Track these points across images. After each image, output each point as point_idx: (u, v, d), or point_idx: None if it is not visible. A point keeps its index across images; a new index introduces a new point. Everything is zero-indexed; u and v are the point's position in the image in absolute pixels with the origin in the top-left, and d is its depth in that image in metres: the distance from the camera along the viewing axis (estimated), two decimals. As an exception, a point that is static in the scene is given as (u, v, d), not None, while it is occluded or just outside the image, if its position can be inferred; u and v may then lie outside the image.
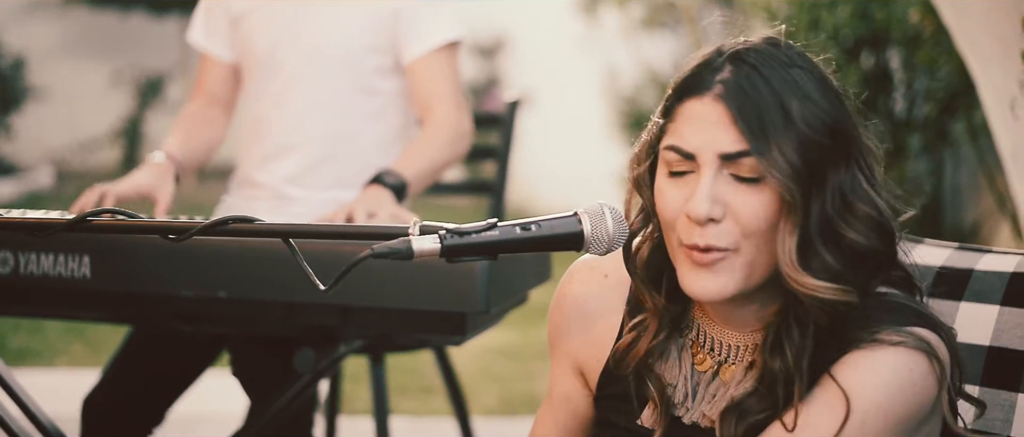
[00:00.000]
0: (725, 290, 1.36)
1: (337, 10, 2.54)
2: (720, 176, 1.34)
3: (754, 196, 1.33)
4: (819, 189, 1.33)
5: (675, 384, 1.45)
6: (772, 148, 1.31)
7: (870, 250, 1.35)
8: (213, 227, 1.36)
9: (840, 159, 1.35)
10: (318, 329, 1.98)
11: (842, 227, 1.34)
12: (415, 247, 1.27)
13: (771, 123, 1.31)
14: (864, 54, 4.90)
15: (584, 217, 1.34)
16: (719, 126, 1.33)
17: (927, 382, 1.35)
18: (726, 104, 1.33)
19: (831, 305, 1.34)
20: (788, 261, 1.33)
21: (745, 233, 1.34)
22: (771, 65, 1.34)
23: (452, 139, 2.51)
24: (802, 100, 1.33)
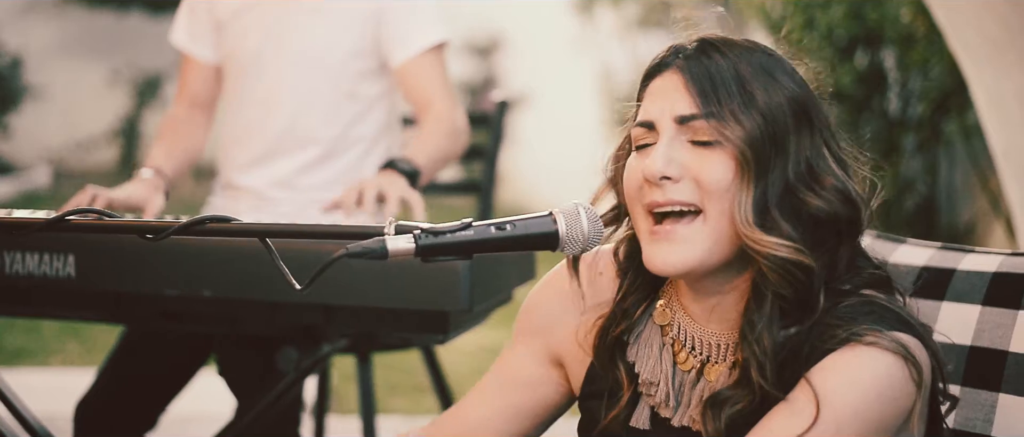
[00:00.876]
0: (687, 259, 1.37)
1: (321, 16, 2.55)
2: (677, 140, 1.38)
3: (711, 157, 1.37)
4: (780, 156, 1.37)
5: (656, 382, 1.44)
6: (725, 111, 1.36)
7: (833, 216, 1.37)
8: (191, 227, 1.36)
9: (803, 130, 1.39)
10: (302, 328, 1.99)
11: (805, 194, 1.37)
12: (389, 247, 1.27)
13: (724, 87, 1.36)
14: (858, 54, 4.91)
15: (559, 217, 1.34)
16: (676, 92, 1.38)
17: (906, 387, 1.34)
18: (682, 73, 1.39)
19: (786, 267, 1.34)
20: (743, 219, 1.35)
21: (705, 193, 1.36)
22: (734, 46, 1.40)
23: (452, 132, 2.52)
24: (760, 74, 1.38)
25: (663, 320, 1.47)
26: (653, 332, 1.47)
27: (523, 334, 1.55)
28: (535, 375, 1.54)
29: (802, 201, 1.37)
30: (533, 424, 1.55)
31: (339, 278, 1.82)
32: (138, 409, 2.41)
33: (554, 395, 1.55)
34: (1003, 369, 1.67)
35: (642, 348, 1.46)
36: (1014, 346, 1.67)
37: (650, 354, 1.46)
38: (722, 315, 1.43)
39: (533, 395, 1.54)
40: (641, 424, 1.45)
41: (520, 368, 1.54)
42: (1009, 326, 1.68)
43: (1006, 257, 1.76)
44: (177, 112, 2.66)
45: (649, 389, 1.45)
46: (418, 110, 2.55)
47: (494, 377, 1.55)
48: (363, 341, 2.36)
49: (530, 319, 1.55)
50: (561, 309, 1.53)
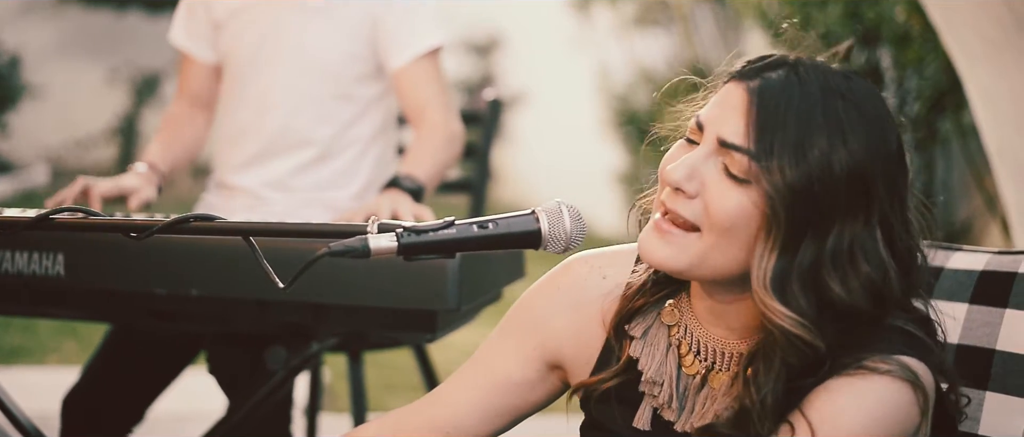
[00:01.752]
0: (670, 261, 1.34)
1: (318, 18, 2.55)
2: (712, 159, 1.32)
3: (732, 192, 1.30)
4: (818, 231, 1.29)
5: (660, 382, 1.42)
6: (773, 162, 1.28)
7: (852, 308, 1.30)
8: (175, 225, 1.36)
9: (857, 209, 1.29)
10: (290, 327, 1.99)
11: (832, 279, 1.29)
12: (372, 245, 1.27)
13: (782, 134, 1.28)
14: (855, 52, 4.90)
15: (541, 215, 1.34)
16: (734, 113, 1.31)
17: (910, 412, 1.31)
18: (751, 98, 1.30)
19: (793, 340, 1.30)
20: (760, 278, 1.29)
21: (709, 221, 1.31)
22: (821, 88, 1.30)
23: (448, 141, 2.52)
24: (832, 137, 1.28)
25: (671, 320, 1.44)
26: (660, 331, 1.44)
27: (516, 333, 1.51)
28: (524, 376, 1.50)
29: (826, 284, 1.29)
30: (511, 421, 1.52)
31: (327, 277, 1.82)
32: (125, 403, 2.42)
33: (541, 395, 1.52)
34: (990, 367, 1.67)
35: (648, 346, 1.43)
36: (1001, 344, 1.67)
37: (655, 353, 1.43)
38: (728, 322, 1.40)
39: (518, 395, 1.50)
40: (643, 425, 1.43)
41: (507, 368, 1.50)
42: (996, 324, 1.68)
43: (993, 255, 1.76)
44: (177, 110, 2.67)
45: (652, 389, 1.42)
46: (413, 117, 2.55)
47: (475, 373, 1.51)
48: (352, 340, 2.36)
49: (526, 318, 1.51)
50: (561, 309, 1.49)
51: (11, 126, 9.03)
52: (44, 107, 9.29)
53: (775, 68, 1.32)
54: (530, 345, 1.50)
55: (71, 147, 9.63)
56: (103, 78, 9.63)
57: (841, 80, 1.32)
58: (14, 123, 9.05)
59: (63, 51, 9.76)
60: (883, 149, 1.31)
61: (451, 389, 1.51)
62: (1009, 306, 1.68)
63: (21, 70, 9.08)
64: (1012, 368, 1.65)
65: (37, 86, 9.16)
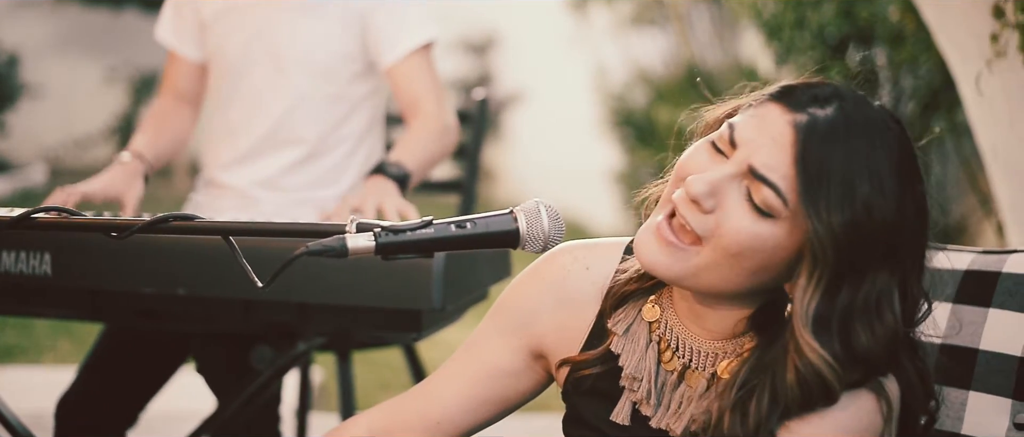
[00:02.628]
0: (663, 269, 1.34)
1: (306, 17, 2.55)
2: (737, 181, 1.31)
3: (749, 221, 1.30)
4: (856, 277, 1.29)
5: (639, 378, 1.43)
6: (821, 206, 1.26)
7: (871, 356, 1.31)
8: (154, 225, 1.37)
9: (887, 261, 1.30)
10: (276, 326, 1.99)
11: (861, 326, 1.30)
12: (349, 245, 1.28)
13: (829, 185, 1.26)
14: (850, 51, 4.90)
15: (520, 215, 1.34)
16: (774, 144, 1.29)
17: (873, 420, 1.33)
18: (797, 135, 1.28)
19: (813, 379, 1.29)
20: (803, 315, 1.28)
21: (716, 241, 1.31)
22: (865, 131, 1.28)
23: (441, 133, 2.52)
24: (874, 187, 1.27)
25: (652, 316, 1.45)
26: (641, 327, 1.45)
27: (502, 323, 1.52)
28: (510, 366, 1.51)
29: (856, 330, 1.30)
30: (499, 411, 1.54)
31: (313, 276, 1.83)
32: (119, 406, 2.42)
33: (527, 386, 1.54)
34: (974, 367, 1.67)
35: (629, 342, 1.45)
36: (984, 344, 1.67)
37: (635, 349, 1.44)
38: (709, 324, 1.42)
39: (504, 385, 1.52)
40: (622, 419, 1.44)
41: (494, 358, 1.51)
42: (980, 323, 1.68)
43: (977, 255, 1.76)
44: (162, 104, 2.67)
45: (632, 384, 1.44)
46: (407, 111, 2.55)
47: (463, 363, 1.52)
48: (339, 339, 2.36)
49: (512, 310, 1.52)
50: (544, 299, 1.50)
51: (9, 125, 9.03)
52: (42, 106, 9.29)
53: (824, 104, 1.30)
54: (515, 335, 1.51)
55: (69, 146, 9.63)
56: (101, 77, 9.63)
57: (883, 128, 1.31)
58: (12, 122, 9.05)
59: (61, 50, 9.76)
60: (912, 201, 1.32)
61: (440, 380, 1.52)
62: (993, 305, 1.69)
63: (19, 69, 9.08)
64: (995, 367, 1.66)
65: (35, 85, 9.16)
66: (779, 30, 4.95)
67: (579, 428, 1.48)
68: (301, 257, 1.27)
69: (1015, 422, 1.62)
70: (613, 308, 1.47)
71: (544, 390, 1.56)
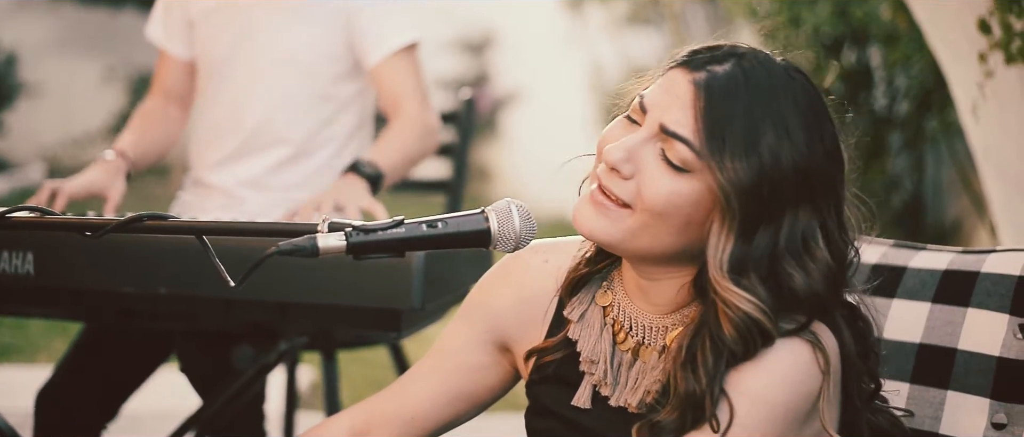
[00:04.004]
0: (600, 232, 1.38)
1: (293, 17, 2.55)
2: (651, 144, 1.35)
3: (668, 179, 1.34)
4: (772, 221, 1.33)
5: (596, 360, 1.46)
6: (725, 157, 1.31)
7: (812, 295, 1.35)
8: (128, 224, 1.37)
9: (803, 201, 1.34)
10: (257, 325, 1.99)
11: (792, 267, 1.34)
12: (320, 244, 1.28)
13: (732, 135, 1.32)
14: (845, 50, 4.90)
15: (491, 214, 1.35)
16: (679, 102, 1.34)
17: (811, 371, 1.35)
18: (697, 91, 1.33)
19: (747, 323, 1.33)
20: (717, 263, 1.33)
21: (641, 203, 1.35)
22: (767, 84, 1.34)
23: (422, 134, 2.53)
24: (779, 131, 1.32)
25: (605, 301, 1.48)
26: (595, 312, 1.49)
27: (469, 319, 1.56)
28: (478, 360, 1.55)
29: (787, 273, 1.34)
30: (471, 406, 1.57)
31: (293, 275, 1.83)
32: (98, 400, 2.42)
33: (496, 380, 1.57)
34: (952, 367, 1.68)
35: (585, 327, 1.48)
36: (962, 344, 1.68)
37: (591, 333, 1.48)
38: (655, 298, 1.45)
39: (474, 379, 1.55)
40: (582, 403, 1.47)
41: (463, 353, 1.55)
42: (958, 323, 1.69)
43: (957, 255, 1.76)
44: (151, 105, 2.69)
45: (590, 368, 1.47)
46: (389, 110, 2.56)
47: (435, 360, 1.56)
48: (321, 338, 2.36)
49: (478, 307, 1.56)
50: (506, 293, 1.55)
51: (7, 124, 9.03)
52: (40, 105, 9.29)
53: (721, 61, 1.35)
54: (481, 329, 1.55)
55: (68, 145, 9.62)
56: (99, 76, 9.63)
57: (784, 77, 1.36)
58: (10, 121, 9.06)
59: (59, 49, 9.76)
60: (821, 145, 1.35)
61: (413, 377, 1.56)
62: (971, 305, 1.69)
63: (17, 68, 9.09)
64: (973, 367, 1.66)
65: (33, 84, 9.17)
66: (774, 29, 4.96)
67: (542, 418, 1.51)
68: (272, 256, 1.27)
69: (993, 422, 1.63)
70: (569, 296, 1.50)
71: (514, 386, 1.59)
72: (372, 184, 2.33)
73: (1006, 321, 1.65)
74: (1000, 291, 1.67)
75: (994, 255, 1.72)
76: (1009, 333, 1.64)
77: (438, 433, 1.57)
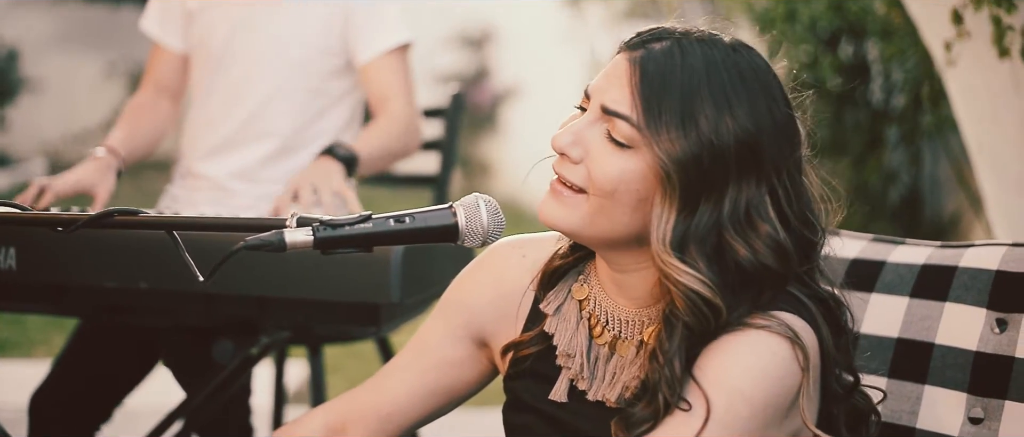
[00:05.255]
0: (562, 221, 1.39)
1: (290, 12, 2.57)
2: (596, 126, 1.37)
3: (614, 158, 1.35)
4: (713, 193, 1.33)
5: (573, 354, 1.46)
6: (662, 131, 1.32)
7: (759, 268, 1.35)
8: (99, 219, 1.37)
9: (748, 173, 1.34)
10: (238, 320, 1.99)
11: (735, 240, 1.34)
12: (287, 239, 1.29)
13: (668, 102, 1.33)
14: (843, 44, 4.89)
15: (459, 209, 1.35)
16: (618, 82, 1.36)
17: (790, 367, 1.35)
18: (633, 68, 1.35)
19: (694, 299, 1.33)
20: (659, 238, 1.34)
21: (593, 185, 1.36)
22: (705, 59, 1.35)
23: (404, 132, 2.54)
24: (718, 106, 1.33)
25: (581, 294, 1.48)
26: (571, 305, 1.48)
27: (447, 314, 1.56)
28: (456, 356, 1.55)
29: (730, 246, 1.34)
30: (449, 401, 1.57)
31: (274, 270, 1.84)
32: (92, 402, 2.42)
33: (473, 375, 1.57)
34: (929, 361, 1.67)
35: (561, 321, 1.48)
36: (940, 338, 1.67)
37: (567, 327, 1.48)
38: (630, 292, 1.45)
39: (452, 375, 1.55)
40: (559, 397, 1.47)
41: (441, 348, 1.55)
42: (936, 318, 1.68)
43: (935, 249, 1.76)
44: (142, 98, 2.70)
45: (567, 361, 1.47)
46: (376, 107, 2.58)
47: (413, 354, 1.56)
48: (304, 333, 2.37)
49: (456, 302, 1.56)
50: (484, 288, 1.54)
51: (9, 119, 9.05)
52: (42, 101, 9.31)
53: (660, 40, 1.36)
54: (459, 324, 1.55)
55: (69, 141, 9.64)
56: (101, 72, 9.65)
57: (726, 51, 1.36)
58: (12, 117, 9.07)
59: (61, 45, 9.78)
60: (768, 117, 1.35)
61: (390, 373, 1.56)
62: (949, 299, 1.69)
63: (19, 64, 9.10)
64: (950, 361, 1.66)
65: (35, 80, 9.19)
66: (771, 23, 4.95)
67: (519, 412, 1.51)
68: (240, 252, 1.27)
69: (970, 416, 1.63)
70: (545, 290, 1.50)
71: (492, 380, 1.58)
72: (347, 167, 2.34)
73: (983, 315, 1.65)
74: (978, 285, 1.67)
75: (972, 249, 1.72)
76: (986, 327, 1.64)
77: (415, 428, 1.57)
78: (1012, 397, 1.60)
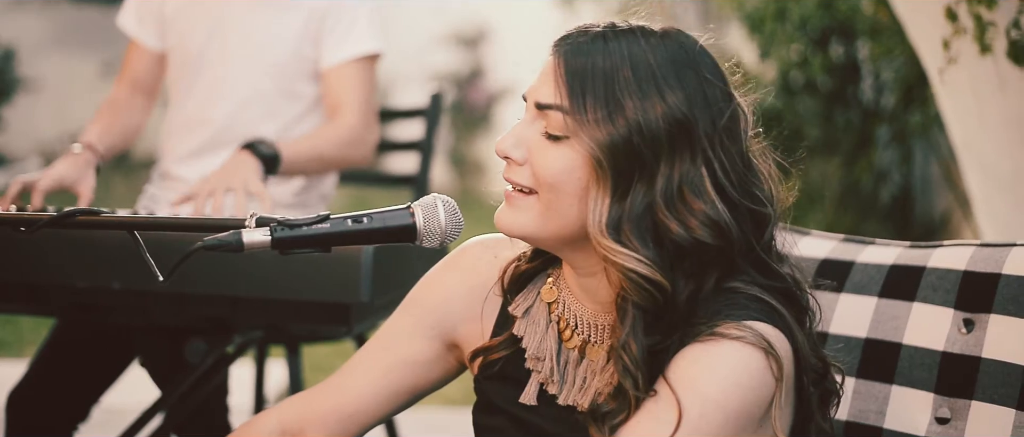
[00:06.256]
0: (516, 225, 1.40)
1: (267, 14, 2.57)
2: (534, 125, 1.39)
3: (553, 151, 1.36)
4: (645, 173, 1.34)
5: (542, 358, 1.45)
6: (587, 113, 1.34)
7: (696, 245, 1.35)
8: (61, 220, 1.38)
9: (681, 151, 1.34)
10: (209, 319, 1.99)
11: (669, 219, 1.34)
12: (245, 239, 1.29)
13: (593, 88, 1.34)
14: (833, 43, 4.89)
15: (417, 209, 1.35)
16: (548, 77, 1.38)
17: (764, 378, 1.34)
18: (560, 60, 1.37)
19: (637, 280, 1.33)
20: (595, 224, 1.35)
21: (538, 182, 1.37)
22: (631, 45, 1.36)
23: (348, 142, 2.52)
24: (645, 82, 1.33)
25: (550, 297, 1.47)
26: (541, 308, 1.48)
27: (415, 313, 1.54)
28: (421, 356, 1.53)
29: (664, 225, 1.34)
30: (412, 399, 1.56)
31: (245, 269, 1.84)
32: (69, 401, 2.42)
33: (439, 373, 1.55)
34: (896, 361, 1.67)
35: (530, 324, 1.47)
36: (907, 338, 1.68)
37: (536, 330, 1.47)
38: (596, 295, 1.44)
39: (417, 374, 1.53)
40: (529, 400, 1.46)
41: (409, 351, 1.53)
42: (903, 318, 1.69)
43: (904, 249, 1.76)
44: (117, 95, 2.70)
45: (536, 365, 1.46)
46: (329, 113, 2.57)
47: (377, 353, 1.54)
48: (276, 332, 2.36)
49: (425, 302, 1.54)
50: (456, 289, 1.53)
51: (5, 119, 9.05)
52: (38, 100, 9.32)
53: (586, 32, 1.38)
54: (428, 324, 1.53)
55: (65, 140, 9.63)
56: (96, 71, 9.65)
57: (654, 37, 1.38)
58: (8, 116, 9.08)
59: (56, 45, 9.79)
60: (701, 97, 1.35)
61: (353, 373, 1.54)
62: (917, 300, 1.69)
63: (15, 63, 9.11)
64: (917, 362, 1.66)
65: (31, 79, 9.19)
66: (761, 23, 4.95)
67: (490, 415, 1.50)
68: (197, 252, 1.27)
69: (937, 416, 1.63)
70: (514, 293, 1.49)
71: (457, 376, 1.57)
72: (266, 165, 2.32)
73: (951, 315, 1.65)
74: (945, 286, 1.67)
75: (940, 250, 1.72)
76: (953, 328, 1.64)
77: (375, 426, 1.56)
78: (978, 397, 1.60)
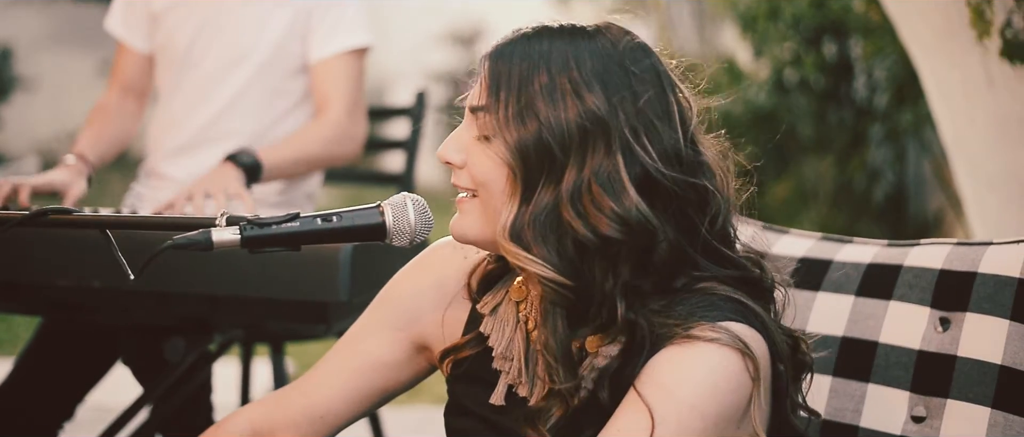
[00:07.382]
0: (466, 229, 1.40)
1: (253, 11, 2.57)
2: (470, 129, 1.39)
3: (483, 151, 1.37)
4: (553, 175, 1.33)
5: (510, 358, 1.44)
6: (501, 113, 1.34)
7: (604, 242, 1.33)
8: (33, 219, 1.38)
9: (594, 150, 1.33)
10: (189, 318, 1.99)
11: (573, 218, 1.32)
12: (214, 238, 1.29)
13: (507, 88, 1.34)
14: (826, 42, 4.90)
15: (387, 208, 1.36)
16: (478, 82, 1.39)
17: (741, 380, 1.33)
18: (488, 62, 1.38)
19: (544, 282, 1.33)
20: (500, 227, 1.35)
21: (476, 184, 1.38)
22: (552, 45, 1.35)
23: (335, 139, 2.52)
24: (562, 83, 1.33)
25: (519, 296, 1.46)
26: (509, 307, 1.47)
27: (384, 315, 1.54)
28: (394, 360, 1.53)
29: (569, 224, 1.33)
30: (383, 399, 1.55)
31: (224, 268, 1.84)
32: (54, 399, 2.42)
33: (410, 376, 1.55)
34: (873, 360, 1.68)
35: (498, 323, 1.46)
36: (884, 337, 1.68)
37: (505, 330, 1.46)
38: None
39: (387, 376, 1.53)
40: (498, 401, 1.45)
41: (379, 352, 1.52)
42: (880, 317, 1.69)
43: (882, 248, 1.76)
44: (108, 100, 2.71)
45: (504, 365, 1.45)
46: (318, 109, 2.57)
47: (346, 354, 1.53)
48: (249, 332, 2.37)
49: (395, 303, 1.53)
50: (425, 290, 1.52)
51: (2, 118, 9.07)
52: (35, 99, 9.33)
53: (513, 36, 1.39)
54: (397, 326, 1.53)
55: (62, 139, 9.64)
56: (94, 70, 9.66)
57: (581, 35, 1.37)
58: (5, 115, 9.10)
59: (54, 44, 9.80)
60: (627, 94, 1.34)
61: (322, 374, 1.53)
62: (893, 298, 1.69)
63: (12, 62, 9.12)
64: (894, 360, 1.66)
65: (28, 78, 9.21)
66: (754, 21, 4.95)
67: (460, 416, 1.49)
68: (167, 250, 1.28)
69: (912, 415, 1.63)
70: (483, 292, 1.49)
71: (428, 377, 1.57)
72: (248, 174, 2.33)
73: (927, 314, 1.65)
74: (921, 284, 1.67)
75: (917, 248, 1.72)
76: (929, 326, 1.64)
77: (347, 426, 1.55)
78: (954, 396, 1.60)
